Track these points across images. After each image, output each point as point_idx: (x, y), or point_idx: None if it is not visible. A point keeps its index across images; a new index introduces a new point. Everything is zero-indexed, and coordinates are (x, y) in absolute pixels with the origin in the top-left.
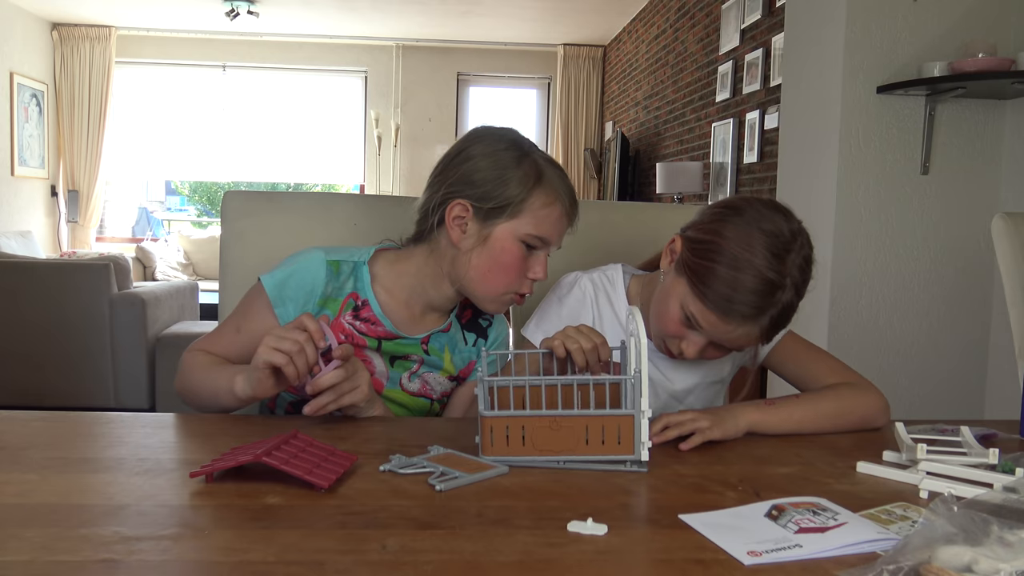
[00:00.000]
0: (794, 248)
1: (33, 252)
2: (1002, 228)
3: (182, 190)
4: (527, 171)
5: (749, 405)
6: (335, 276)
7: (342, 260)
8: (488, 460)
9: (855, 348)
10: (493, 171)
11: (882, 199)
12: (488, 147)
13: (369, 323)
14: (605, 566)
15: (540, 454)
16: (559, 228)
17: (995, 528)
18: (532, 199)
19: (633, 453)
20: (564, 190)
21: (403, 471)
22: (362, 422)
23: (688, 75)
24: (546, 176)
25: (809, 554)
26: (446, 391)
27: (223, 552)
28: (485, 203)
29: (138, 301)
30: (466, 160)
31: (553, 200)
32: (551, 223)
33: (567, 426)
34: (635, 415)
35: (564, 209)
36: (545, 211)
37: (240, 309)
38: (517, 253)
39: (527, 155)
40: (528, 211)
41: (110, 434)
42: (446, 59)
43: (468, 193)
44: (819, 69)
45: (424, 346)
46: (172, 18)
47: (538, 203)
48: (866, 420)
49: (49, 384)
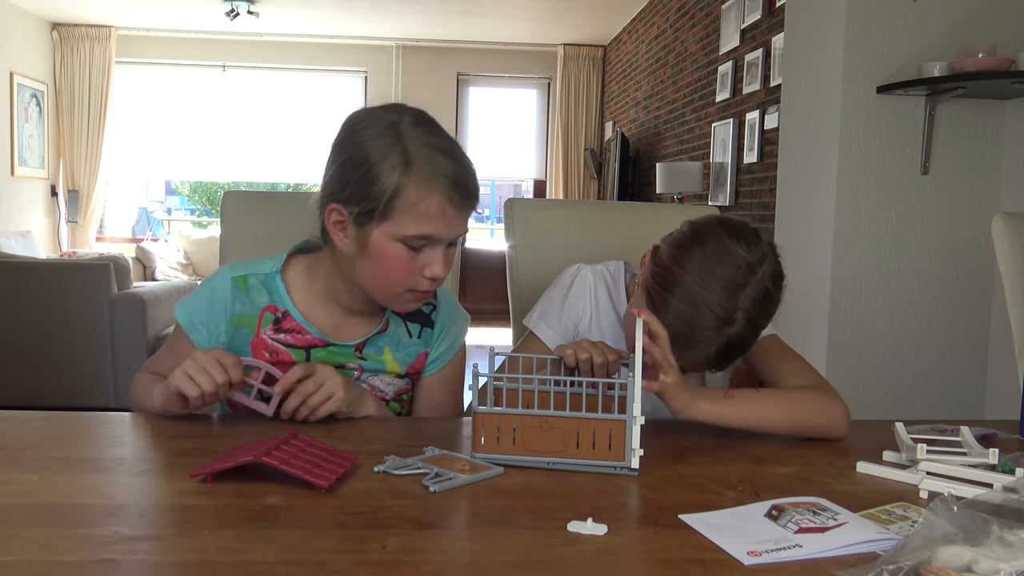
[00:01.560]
0: (751, 282)
1: (33, 252)
2: (1002, 228)
3: (182, 190)
4: (394, 162)
5: (708, 395)
6: (243, 292)
7: (249, 274)
8: (480, 457)
9: (855, 348)
10: (360, 167)
11: (882, 199)
12: (360, 137)
13: (294, 333)
14: (605, 566)
15: (530, 454)
16: (444, 221)
17: (995, 528)
18: (402, 196)
19: (624, 459)
20: (443, 173)
21: (397, 472)
22: (361, 422)
23: (688, 75)
24: (415, 163)
25: (809, 554)
26: (401, 389)
27: (223, 552)
28: (356, 206)
29: (138, 301)
30: (339, 155)
31: (427, 191)
32: (430, 218)
33: (558, 427)
34: (627, 421)
35: (444, 196)
36: (421, 206)
37: (172, 333)
38: (401, 255)
39: (399, 141)
40: (400, 209)
41: (110, 434)
42: (446, 59)
43: (340, 196)
44: (819, 69)
45: (358, 353)
46: (172, 18)
47: (409, 199)
48: (826, 426)
49: (49, 384)
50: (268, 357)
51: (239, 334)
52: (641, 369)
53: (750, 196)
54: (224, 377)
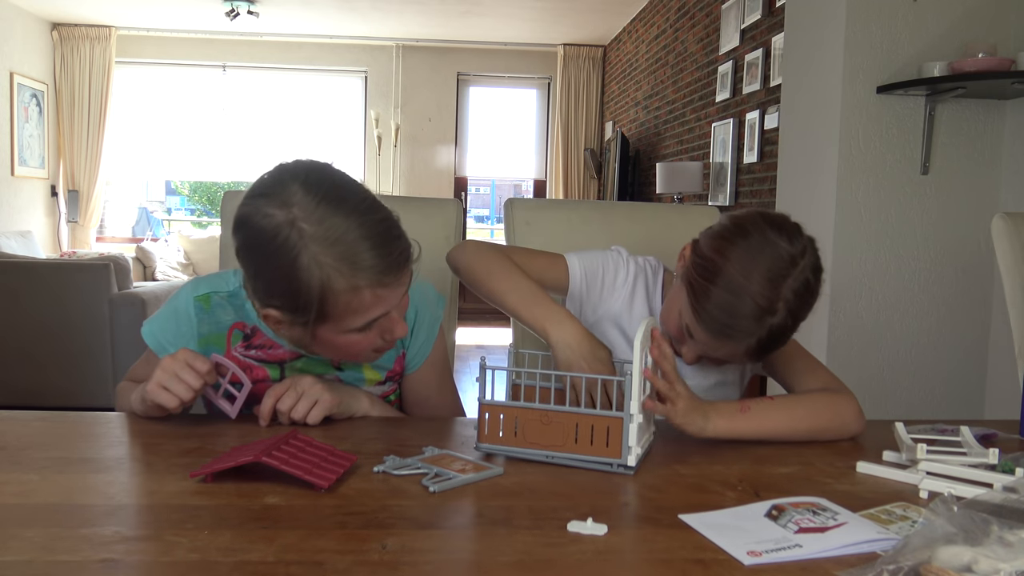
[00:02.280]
0: (792, 274)
1: (33, 252)
2: (1002, 228)
3: (182, 190)
4: (309, 273)
5: (723, 411)
6: (207, 312)
7: (212, 292)
8: (483, 447)
9: (855, 348)
10: (277, 282)
11: (882, 199)
12: (263, 248)
13: (266, 348)
14: (605, 566)
15: (530, 447)
16: (382, 302)
17: (995, 528)
18: (330, 302)
19: (620, 456)
20: (362, 265)
21: (397, 472)
22: (361, 422)
23: (688, 75)
24: (330, 269)
25: (809, 554)
26: (384, 392)
27: (223, 552)
28: (290, 314)
29: (138, 301)
30: (250, 262)
31: (353, 291)
32: (367, 309)
33: (557, 422)
34: (624, 418)
35: (373, 286)
36: (353, 304)
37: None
38: (353, 338)
39: (304, 246)
40: (334, 313)
41: (110, 434)
42: (446, 59)
43: (272, 303)
44: (819, 69)
45: (336, 363)
46: (172, 18)
47: (340, 303)
48: (840, 428)
49: (49, 384)
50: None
51: (209, 353)
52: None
53: (750, 196)
54: (199, 382)
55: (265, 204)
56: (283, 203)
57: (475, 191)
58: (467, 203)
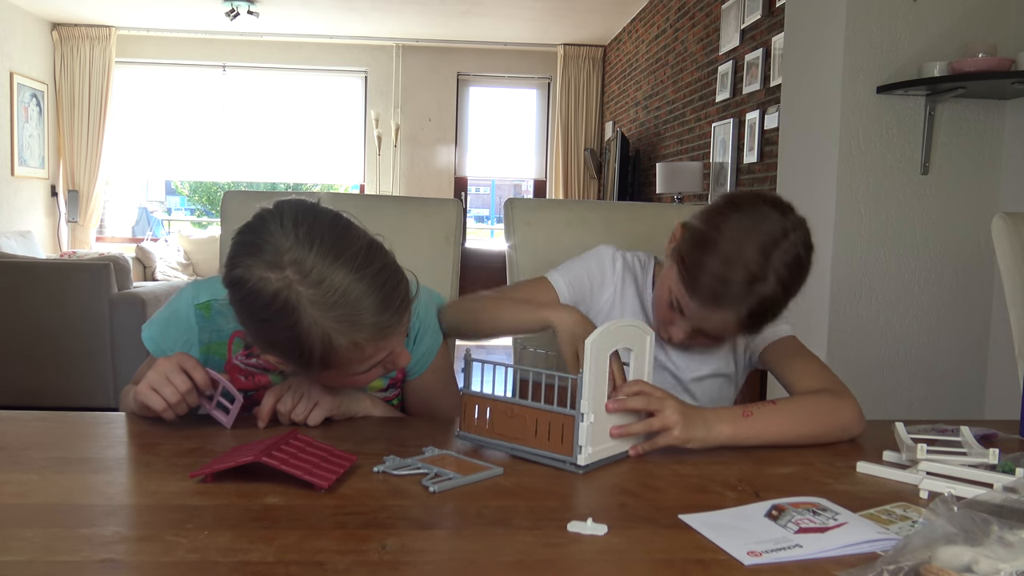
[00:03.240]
0: (783, 245)
1: (33, 252)
2: (1002, 228)
3: (182, 190)
4: (311, 340)
5: (725, 417)
6: (208, 320)
7: (212, 300)
8: (463, 436)
9: (855, 348)
10: (276, 340)
11: (882, 199)
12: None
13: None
14: (605, 566)
15: (498, 438)
16: (382, 348)
17: (995, 528)
18: (333, 359)
19: (571, 454)
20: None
21: (397, 472)
22: (361, 422)
23: (688, 75)
24: (331, 333)
25: (809, 554)
26: (387, 397)
27: (223, 552)
28: (293, 365)
29: (138, 301)
30: (246, 319)
31: (355, 347)
32: (368, 358)
33: (519, 415)
34: (575, 416)
35: (374, 339)
36: (355, 358)
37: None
38: (356, 378)
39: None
40: (339, 364)
41: (110, 434)
42: (446, 59)
43: (273, 353)
44: (819, 69)
45: None
46: (172, 18)
47: (342, 359)
48: (841, 431)
49: (49, 384)
50: (244, 381)
51: (211, 361)
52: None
53: None
54: (187, 385)
55: (257, 266)
56: (276, 265)
57: (475, 191)
58: (467, 203)
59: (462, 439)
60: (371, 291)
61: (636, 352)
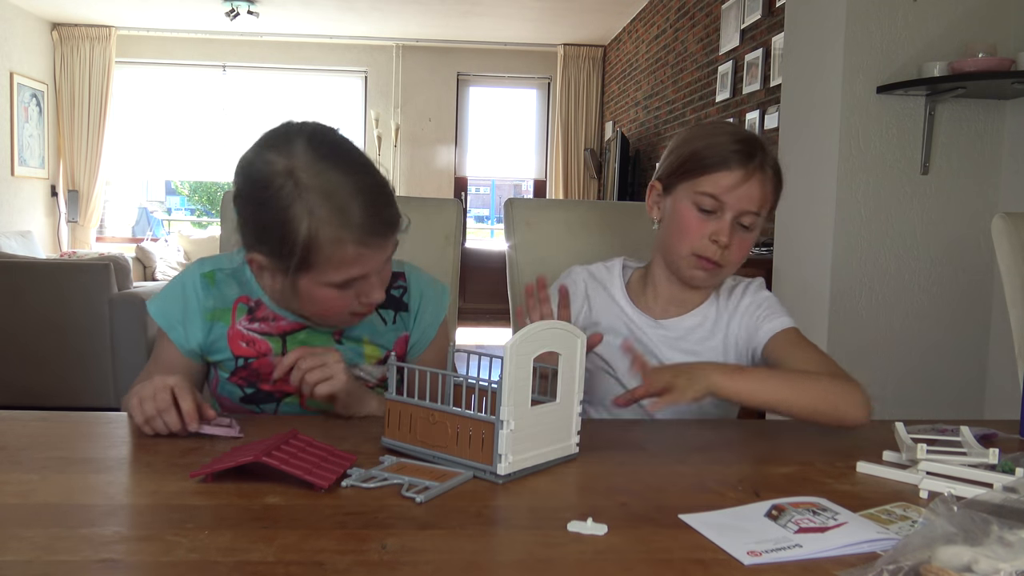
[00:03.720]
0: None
1: (33, 252)
2: (1002, 228)
3: (182, 190)
4: (299, 218)
5: (721, 368)
6: (213, 287)
7: (216, 269)
8: (388, 443)
9: (855, 348)
10: (267, 226)
11: (882, 199)
12: (259, 192)
13: (269, 320)
14: (605, 566)
15: (421, 445)
16: (364, 261)
17: (995, 528)
18: (314, 250)
19: (491, 463)
20: (351, 220)
21: (367, 485)
22: (360, 422)
23: (688, 75)
24: (320, 216)
25: (809, 554)
26: (383, 376)
27: (223, 552)
28: (275, 259)
29: (138, 301)
30: (244, 208)
31: (339, 243)
32: (349, 264)
33: (440, 421)
34: (495, 423)
35: (358, 242)
36: (336, 256)
37: (156, 342)
38: (332, 294)
39: (299, 193)
40: (317, 262)
41: (110, 434)
42: (446, 59)
43: (259, 248)
44: (819, 69)
45: (337, 337)
46: (172, 18)
47: (324, 252)
48: (844, 410)
49: (49, 384)
50: (245, 347)
51: (215, 328)
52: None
53: None
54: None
55: (268, 152)
56: (286, 153)
57: (475, 191)
58: (467, 203)
59: (387, 447)
60: (363, 194)
61: (565, 356)
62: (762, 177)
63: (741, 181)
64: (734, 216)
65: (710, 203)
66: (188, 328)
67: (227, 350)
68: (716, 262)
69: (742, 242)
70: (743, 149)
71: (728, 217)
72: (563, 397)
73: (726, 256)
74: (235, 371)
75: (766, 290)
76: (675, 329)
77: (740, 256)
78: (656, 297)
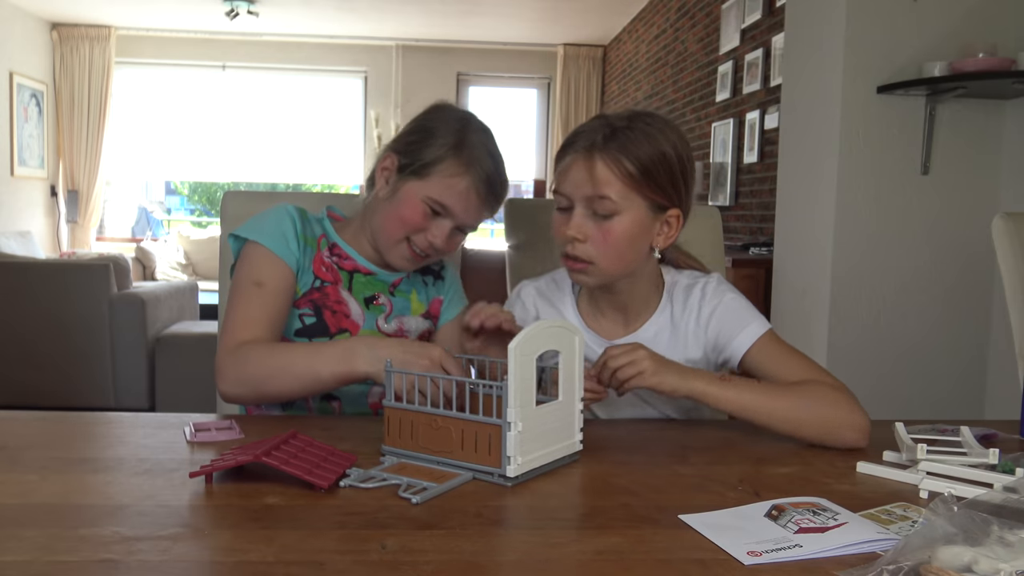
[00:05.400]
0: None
1: (33, 252)
2: (1002, 228)
3: (182, 190)
4: (448, 140)
5: (703, 375)
6: (307, 220)
7: (306, 210)
8: (388, 450)
9: (855, 348)
10: (422, 133)
11: (882, 199)
12: (434, 115)
13: (342, 258)
14: (605, 566)
15: (424, 451)
16: (464, 202)
17: (995, 528)
18: (440, 165)
19: (500, 466)
20: (482, 167)
21: (364, 485)
22: (360, 422)
23: (688, 75)
24: (463, 148)
25: (809, 554)
26: (424, 330)
27: (223, 552)
28: (405, 159)
29: (138, 301)
30: (414, 121)
31: (462, 172)
32: (454, 194)
33: (444, 427)
34: (502, 426)
35: (473, 184)
36: (452, 180)
37: (246, 270)
38: (419, 211)
39: (462, 130)
40: (435, 175)
41: (110, 434)
42: (446, 59)
43: (399, 148)
44: (819, 69)
45: (392, 289)
46: (172, 18)
47: (448, 171)
48: (834, 430)
49: (49, 384)
50: (325, 272)
51: (307, 251)
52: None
53: (750, 196)
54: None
55: (461, 109)
56: (471, 115)
57: None
58: None
59: (387, 454)
60: (495, 171)
61: (564, 354)
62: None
63: (569, 168)
64: (584, 206)
65: (561, 200)
66: (290, 245)
67: (311, 271)
68: (577, 257)
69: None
70: (569, 140)
71: (578, 209)
72: (565, 395)
73: (586, 250)
74: (308, 293)
75: (728, 289)
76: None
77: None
78: (604, 310)
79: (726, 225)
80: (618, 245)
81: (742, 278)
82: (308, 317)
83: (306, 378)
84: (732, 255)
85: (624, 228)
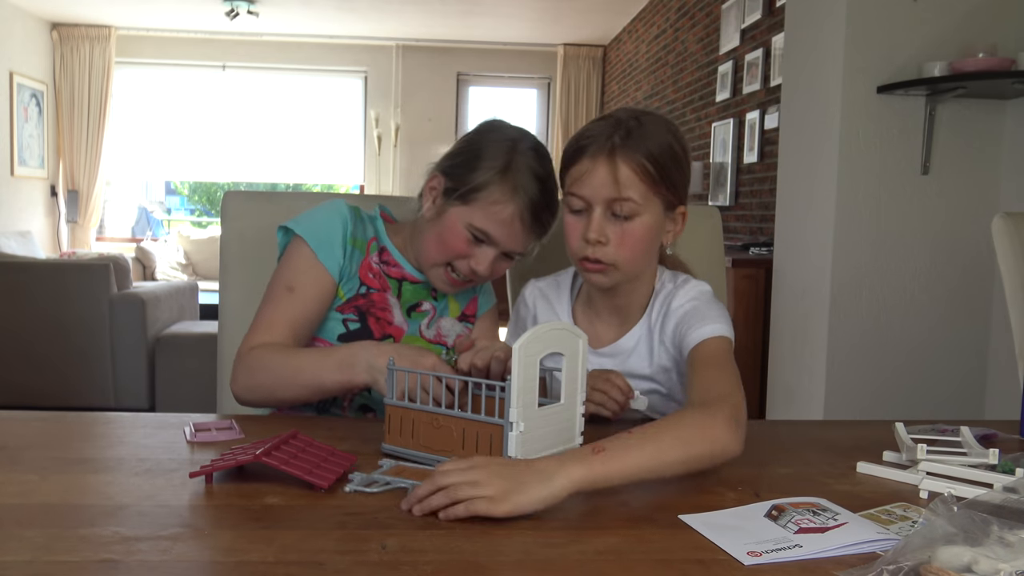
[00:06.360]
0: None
1: (33, 252)
2: (1002, 228)
3: (182, 190)
4: (495, 164)
5: (576, 456)
6: (359, 220)
7: (359, 208)
8: (388, 449)
9: (855, 348)
10: (470, 155)
11: (882, 199)
12: (484, 136)
13: (390, 265)
14: (605, 566)
15: (424, 451)
16: (507, 230)
17: (995, 528)
18: (485, 191)
19: None
20: (528, 193)
21: (370, 490)
22: (360, 422)
23: (688, 75)
24: (510, 174)
25: (809, 554)
26: (460, 334)
27: (223, 552)
28: (451, 183)
29: (138, 301)
30: (462, 141)
31: (507, 199)
32: (498, 222)
33: (445, 426)
34: (504, 426)
35: (517, 212)
36: (495, 207)
37: (284, 270)
38: (461, 237)
39: (511, 153)
40: (479, 202)
41: (110, 434)
42: (446, 59)
43: (446, 169)
44: (819, 69)
45: (434, 292)
46: (172, 18)
47: (491, 197)
48: (715, 455)
49: (49, 384)
50: (372, 279)
51: (354, 256)
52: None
53: (750, 196)
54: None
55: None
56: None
57: None
58: None
59: (387, 452)
60: (544, 195)
61: (568, 357)
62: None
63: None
64: (603, 208)
65: (577, 203)
66: (335, 250)
67: (357, 277)
68: (599, 260)
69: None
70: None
71: (598, 211)
72: (567, 397)
73: (608, 252)
74: (352, 299)
75: (698, 286)
76: (615, 355)
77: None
78: (600, 313)
79: (726, 225)
80: (639, 246)
81: (742, 278)
82: (353, 323)
83: (311, 386)
84: (732, 255)
85: (645, 228)
